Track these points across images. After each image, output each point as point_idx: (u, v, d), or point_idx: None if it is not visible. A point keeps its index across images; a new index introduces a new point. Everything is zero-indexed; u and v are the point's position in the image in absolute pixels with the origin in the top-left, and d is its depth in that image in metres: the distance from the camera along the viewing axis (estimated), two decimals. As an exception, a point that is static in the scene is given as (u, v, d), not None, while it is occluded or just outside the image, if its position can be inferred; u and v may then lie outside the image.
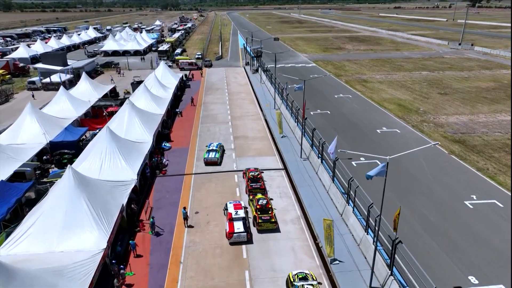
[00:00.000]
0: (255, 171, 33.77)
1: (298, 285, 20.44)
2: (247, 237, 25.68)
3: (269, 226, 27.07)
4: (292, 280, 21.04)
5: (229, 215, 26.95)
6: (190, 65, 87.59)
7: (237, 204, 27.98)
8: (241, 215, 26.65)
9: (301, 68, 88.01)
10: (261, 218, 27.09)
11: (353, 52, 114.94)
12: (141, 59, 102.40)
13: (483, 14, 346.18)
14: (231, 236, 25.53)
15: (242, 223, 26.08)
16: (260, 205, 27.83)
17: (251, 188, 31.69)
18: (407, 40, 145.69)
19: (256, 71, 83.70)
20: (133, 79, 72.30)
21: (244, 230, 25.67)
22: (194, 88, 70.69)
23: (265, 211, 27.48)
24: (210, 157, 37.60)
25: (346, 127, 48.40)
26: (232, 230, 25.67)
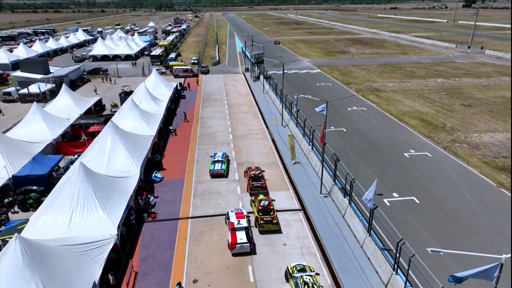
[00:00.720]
0: (256, 170, 33.81)
1: (297, 276, 20.99)
2: (250, 248, 24.55)
3: (271, 227, 26.91)
4: (291, 272, 21.57)
5: (231, 224, 25.74)
6: (185, 72, 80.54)
7: (239, 213, 26.90)
8: (243, 225, 25.54)
9: (306, 75, 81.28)
10: (263, 219, 26.86)
11: (358, 56, 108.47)
12: (132, 64, 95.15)
13: (481, 15, 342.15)
14: (233, 247, 24.39)
15: (244, 233, 24.96)
16: (262, 206, 27.60)
17: (253, 187, 31.72)
18: (412, 42, 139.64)
19: (257, 78, 76.88)
20: (122, 89, 65.26)
21: (247, 240, 24.51)
22: (190, 99, 63.68)
23: (267, 212, 27.29)
24: (217, 169, 35.24)
25: (367, 149, 41.68)
26: (235, 241, 24.51)
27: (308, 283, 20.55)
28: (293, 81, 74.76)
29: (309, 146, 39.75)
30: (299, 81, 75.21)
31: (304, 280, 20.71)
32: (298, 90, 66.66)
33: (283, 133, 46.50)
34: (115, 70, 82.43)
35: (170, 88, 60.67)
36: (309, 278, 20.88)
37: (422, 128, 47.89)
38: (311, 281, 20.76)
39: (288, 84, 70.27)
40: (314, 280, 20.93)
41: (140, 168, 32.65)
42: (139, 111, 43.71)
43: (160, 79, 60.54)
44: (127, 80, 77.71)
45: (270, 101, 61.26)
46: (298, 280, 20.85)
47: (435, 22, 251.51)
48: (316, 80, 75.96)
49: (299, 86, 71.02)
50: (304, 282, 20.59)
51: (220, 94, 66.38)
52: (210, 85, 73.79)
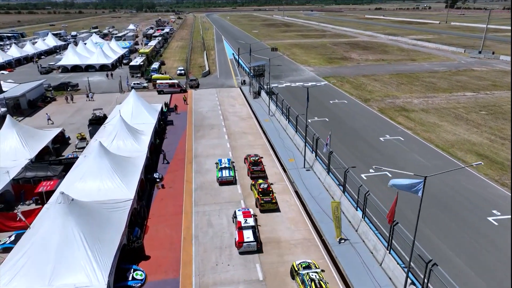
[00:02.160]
0: (255, 156, 36.32)
1: (303, 273, 21.39)
2: (256, 247, 24.88)
3: (271, 206, 29.40)
4: (297, 269, 21.97)
5: (238, 223, 26.15)
6: (171, 87, 67.69)
7: (246, 212, 27.31)
8: (250, 224, 26.01)
9: (314, 89, 69.42)
10: (263, 200, 29.23)
11: (363, 63, 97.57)
12: (107, 75, 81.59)
13: (469, 16, 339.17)
14: (240, 245, 24.75)
15: (251, 232, 25.31)
16: (262, 188, 30.08)
17: (253, 171, 34.22)
18: (414, 46, 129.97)
19: (257, 94, 64.73)
20: (93, 113, 52.22)
21: (253, 239, 24.89)
22: (179, 126, 51.04)
23: (267, 194, 29.76)
24: (225, 176, 33.87)
25: (430, 208, 30.12)
26: (242, 239, 24.87)
27: (315, 279, 20.87)
28: (300, 97, 62.89)
29: (357, 213, 27.82)
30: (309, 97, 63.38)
31: (311, 277, 21.04)
32: (310, 110, 54.83)
33: (310, 182, 34.50)
34: (86, 86, 68.78)
35: (153, 113, 47.95)
36: (315, 275, 21.25)
37: (487, 169, 36.70)
38: (317, 277, 21.05)
39: (296, 101, 58.68)
40: (320, 277, 21.25)
41: (108, 275, 20.13)
42: (110, 159, 30.94)
43: (140, 102, 47.73)
44: (101, 98, 64.40)
45: (279, 127, 49.22)
46: (304, 277, 21.17)
47: (427, 23, 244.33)
48: (328, 96, 64.32)
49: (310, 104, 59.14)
50: (311, 279, 20.89)
51: (216, 117, 53.95)
52: (202, 104, 61.23)
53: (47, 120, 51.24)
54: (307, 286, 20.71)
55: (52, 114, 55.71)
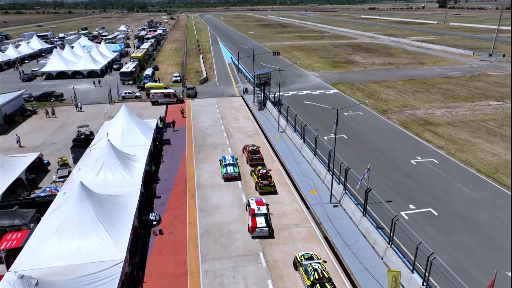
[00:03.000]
0: (253, 146, 39.62)
1: (306, 264, 22.15)
2: (268, 232, 26.57)
3: (269, 189, 32.54)
4: (300, 261, 22.83)
5: (251, 210, 27.93)
6: (167, 97, 61.10)
7: (259, 201, 29.10)
8: (263, 211, 27.79)
9: (323, 99, 63.45)
10: (262, 183, 32.39)
11: (370, 67, 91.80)
12: (94, 83, 74.61)
13: (464, 16, 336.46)
14: (253, 230, 26.51)
15: (264, 219, 27.08)
16: (261, 173, 33.33)
17: (252, 159, 37.60)
18: (418, 48, 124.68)
19: (263, 105, 58.45)
20: (78, 131, 45.55)
21: (266, 225, 26.64)
22: (177, 146, 44.50)
23: (265, 178, 32.93)
24: (230, 172, 35.00)
25: (497, 264, 24.17)
26: (255, 224, 26.63)
27: (317, 269, 21.61)
28: (310, 108, 56.84)
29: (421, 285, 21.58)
30: (318, 108, 57.32)
31: (314, 267, 21.77)
32: (324, 125, 48.77)
33: (342, 225, 28.29)
34: (72, 96, 61.87)
35: (148, 132, 41.39)
36: (317, 265, 21.96)
37: (548, 203, 30.88)
38: (320, 267, 21.82)
39: (306, 113, 52.88)
40: (322, 267, 21.98)
41: None
42: (94, 204, 24.41)
43: (132, 120, 41.10)
44: (88, 110, 57.62)
45: (292, 147, 42.97)
46: (307, 267, 21.93)
47: (426, 23, 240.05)
48: (338, 106, 58.06)
49: (322, 116, 53.15)
50: (314, 269, 21.62)
51: (218, 135, 47.50)
52: (201, 117, 54.73)
53: (16, 142, 44.20)
54: (310, 276, 21.49)
55: (31, 131, 48.95)
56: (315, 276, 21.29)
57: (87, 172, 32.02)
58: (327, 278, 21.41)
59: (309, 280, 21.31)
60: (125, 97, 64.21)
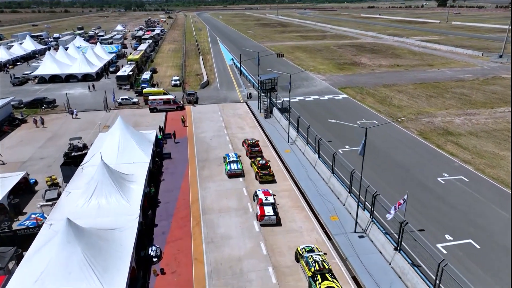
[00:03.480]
0: (252, 140, 41.58)
1: (307, 256, 23.06)
2: (276, 220, 28.13)
3: (269, 178, 34.33)
4: (301, 253, 23.83)
5: (259, 200, 29.47)
6: (166, 104, 57.21)
7: (266, 192, 30.54)
8: (270, 201, 29.40)
9: (333, 105, 59.73)
10: (262, 173, 34.28)
11: (378, 70, 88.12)
12: (88, 87, 70.61)
13: (465, 14, 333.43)
14: (262, 218, 28.07)
15: (271, 208, 28.73)
16: (260, 164, 35.20)
17: (251, 151, 39.56)
18: (424, 49, 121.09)
19: (269, 113, 54.66)
20: (70, 143, 41.76)
21: (273, 213, 28.25)
22: (178, 161, 40.65)
23: (265, 168, 34.83)
24: (234, 169, 35.66)
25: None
26: (263, 213, 28.16)
27: (318, 261, 22.52)
28: (319, 116, 53.17)
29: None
30: (328, 116, 53.60)
31: (314, 259, 22.69)
32: (336, 134, 45.02)
33: (371, 261, 24.55)
34: (65, 103, 57.85)
35: (146, 146, 37.56)
36: (318, 257, 22.89)
37: None
38: (321, 259, 22.75)
39: (315, 122, 48.97)
40: (323, 259, 22.94)
41: None
42: (84, 243, 20.61)
43: (129, 133, 37.24)
44: (83, 118, 53.68)
45: (305, 161, 39.22)
46: (309, 259, 22.81)
47: (428, 23, 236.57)
48: (352, 114, 54.50)
49: (333, 126, 49.45)
50: (314, 260, 22.54)
51: (223, 147, 43.68)
52: (204, 126, 50.88)
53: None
54: (311, 267, 22.21)
55: (19, 143, 45.00)
56: (315, 267, 22.26)
57: (78, 197, 28.19)
58: (327, 269, 22.33)
59: (310, 271, 22.26)
60: (121, 104, 60.30)
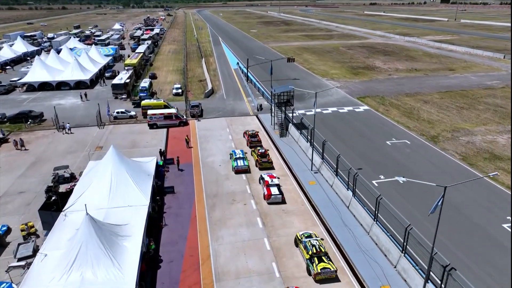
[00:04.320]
0: (252, 131, 44.98)
1: (305, 241, 25.16)
2: (281, 199, 31.81)
3: (267, 165, 37.86)
4: (300, 238, 25.93)
5: (266, 182, 32.81)
6: (167, 119, 50.61)
7: (271, 176, 33.75)
8: (275, 182, 32.79)
9: (354, 119, 53.15)
10: (261, 160, 37.78)
11: (395, 75, 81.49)
12: (81, 97, 63.98)
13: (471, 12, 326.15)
14: (269, 197, 31.61)
15: (277, 188, 32.25)
16: (260, 153, 38.61)
17: (251, 141, 42.94)
18: (440, 50, 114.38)
19: (284, 129, 48.05)
20: (54, 174, 35.45)
21: (279, 192, 31.88)
22: (183, 196, 34.09)
23: (264, 156, 38.25)
24: (240, 165, 37.13)
25: None
26: (270, 192, 31.76)
27: (315, 245, 24.62)
28: (341, 134, 46.69)
29: None
30: (352, 134, 47.08)
31: (312, 243, 24.78)
32: (366, 159, 38.46)
33: None
34: (53, 118, 51.20)
35: (145, 182, 31.00)
36: (315, 242, 25.01)
37: None
38: (318, 243, 24.85)
39: (339, 141, 42.40)
40: (320, 243, 25.02)
41: None
42: None
43: (123, 166, 30.60)
44: (72, 135, 47.06)
45: (335, 198, 32.72)
46: (307, 243, 24.91)
47: (435, 21, 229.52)
48: (378, 131, 47.95)
49: (356, 144, 43.02)
50: (312, 245, 24.64)
51: (235, 177, 36.96)
52: (211, 147, 44.30)
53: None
54: (309, 250, 24.31)
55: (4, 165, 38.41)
56: (313, 250, 24.16)
57: (55, 265, 21.72)
58: (323, 252, 24.36)
59: (308, 254, 24.22)
60: (117, 118, 53.73)
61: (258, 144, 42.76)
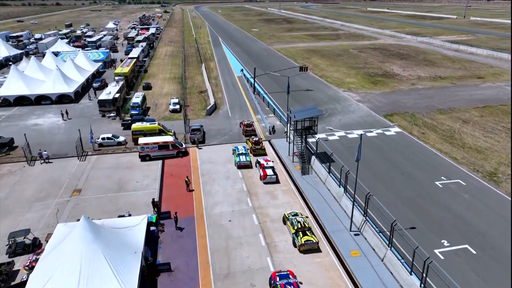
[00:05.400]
0: (248, 121, 49.78)
1: (292, 218, 28.53)
2: (276, 179, 36.07)
3: (260, 151, 42.32)
4: (287, 217, 29.16)
5: (261, 165, 37.27)
6: (162, 149, 41.63)
7: (267, 160, 38.59)
8: (270, 165, 37.39)
9: (387, 146, 44.35)
10: (255, 147, 42.33)
11: (419, 84, 72.68)
12: (62, 115, 54.85)
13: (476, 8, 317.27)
14: (265, 177, 35.88)
15: (271, 170, 36.65)
16: (254, 141, 43.12)
17: (246, 130, 47.45)
18: (459, 53, 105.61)
19: (308, 164, 39.03)
20: (10, 242, 26.81)
21: (273, 173, 36.30)
22: (183, 271, 25.30)
23: (258, 144, 42.75)
24: (243, 161, 39.25)
25: None
26: (265, 173, 35.98)
27: (300, 221, 28.08)
28: (376, 168, 37.91)
29: None
30: (389, 170, 38.28)
31: (298, 220, 28.20)
32: (420, 215, 29.61)
33: None
34: (23, 148, 42.06)
35: (129, 264, 22.15)
36: (301, 219, 28.44)
37: None
38: (302, 220, 28.29)
39: (375, 181, 33.68)
40: (304, 220, 28.45)
41: None
42: None
43: (97, 243, 21.80)
44: (45, 171, 38.03)
45: (389, 279, 23.99)
46: (293, 220, 28.29)
47: (444, 18, 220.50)
48: (420, 164, 39.13)
49: (399, 186, 34.26)
50: (297, 221, 28.04)
51: (251, 243, 28.08)
52: (217, 190, 35.41)
53: None
54: (295, 226, 27.66)
55: None
56: (298, 226, 27.60)
57: None
58: (307, 227, 27.79)
59: (294, 229, 27.60)
60: (103, 145, 44.76)
61: (252, 133, 47.48)
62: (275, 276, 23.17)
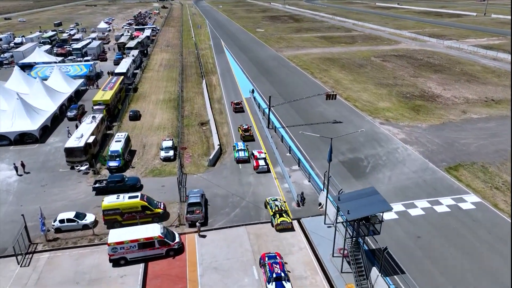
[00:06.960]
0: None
1: (271, 203, 33.05)
2: (267, 169, 40.44)
3: (249, 138, 48.22)
4: (268, 202, 33.53)
5: (255, 156, 41.21)
6: (147, 248, 27.90)
7: (260, 151, 42.17)
8: (263, 156, 41.34)
9: (471, 233, 30.65)
10: (245, 134, 48.28)
11: (471, 111, 58.87)
12: (16, 169, 41.03)
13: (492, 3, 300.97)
14: (257, 168, 40.21)
15: (264, 161, 40.70)
16: (244, 128, 49.29)
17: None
18: (497, 63, 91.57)
19: (365, 277, 25.33)
20: None
21: (265, 164, 40.49)
22: None
23: (247, 131, 48.90)
24: (242, 156, 42.22)
25: None
26: (258, 164, 40.21)
27: (278, 205, 32.58)
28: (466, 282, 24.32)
29: None
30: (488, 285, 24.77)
31: (276, 204, 32.72)
32: None
33: None
34: None
35: None
36: (279, 203, 32.95)
37: None
38: (280, 204, 32.85)
39: None
40: (282, 204, 32.97)
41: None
42: None
43: None
44: None
45: None
46: (272, 204, 32.86)
47: (462, 15, 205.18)
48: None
49: None
50: (276, 205, 32.56)
51: None
52: None
53: None
54: (273, 208, 32.23)
55: None
56: (275, 209, 32.07)
57: None
58: (284, 210, 32.21)
59: (272, 211, 32.14)
60: (61, 230, 31.14)
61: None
62: (265, 256, 26.75)
